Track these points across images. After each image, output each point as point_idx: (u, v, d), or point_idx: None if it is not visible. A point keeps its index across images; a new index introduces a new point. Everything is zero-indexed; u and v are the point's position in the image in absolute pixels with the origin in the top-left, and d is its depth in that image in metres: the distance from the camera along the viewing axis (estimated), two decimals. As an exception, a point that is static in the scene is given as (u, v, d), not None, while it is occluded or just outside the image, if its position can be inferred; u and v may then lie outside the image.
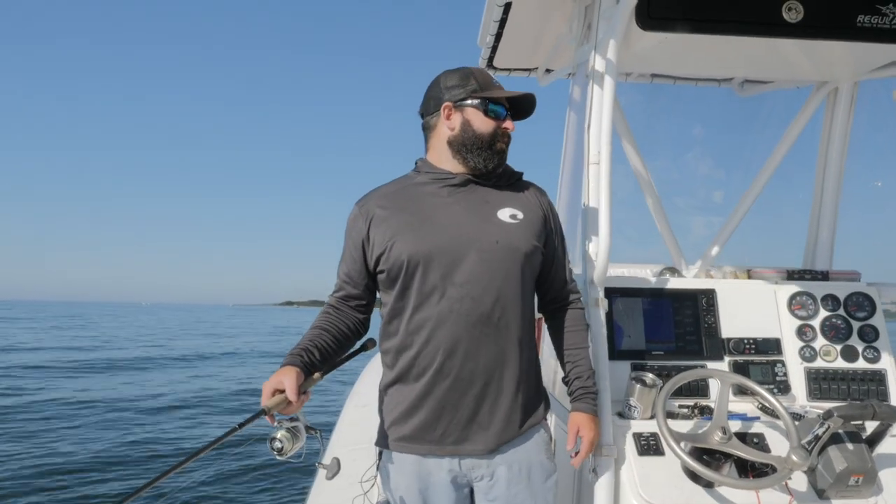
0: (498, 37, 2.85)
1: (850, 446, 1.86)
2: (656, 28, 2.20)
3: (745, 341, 2.39)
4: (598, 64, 2.20)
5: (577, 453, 1.77)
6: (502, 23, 2.68)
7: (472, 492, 1.77)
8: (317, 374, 1.66)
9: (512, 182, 1.85)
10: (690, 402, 2.22)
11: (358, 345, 1.85)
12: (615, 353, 2.28)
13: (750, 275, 2.68)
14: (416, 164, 1.87)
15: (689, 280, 2.62)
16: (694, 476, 1.88)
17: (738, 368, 2.34)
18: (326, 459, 1.63)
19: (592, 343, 1.97)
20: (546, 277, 1.85)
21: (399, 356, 1.73)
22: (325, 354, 1.71)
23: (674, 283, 2.49)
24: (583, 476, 2.03)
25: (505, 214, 1.74)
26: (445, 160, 1.79)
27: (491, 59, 3.14)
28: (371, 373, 2.34)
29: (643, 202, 3.11)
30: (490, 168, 1.77)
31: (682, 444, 1.81)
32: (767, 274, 2.63)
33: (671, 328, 2.39)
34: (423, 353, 1.68)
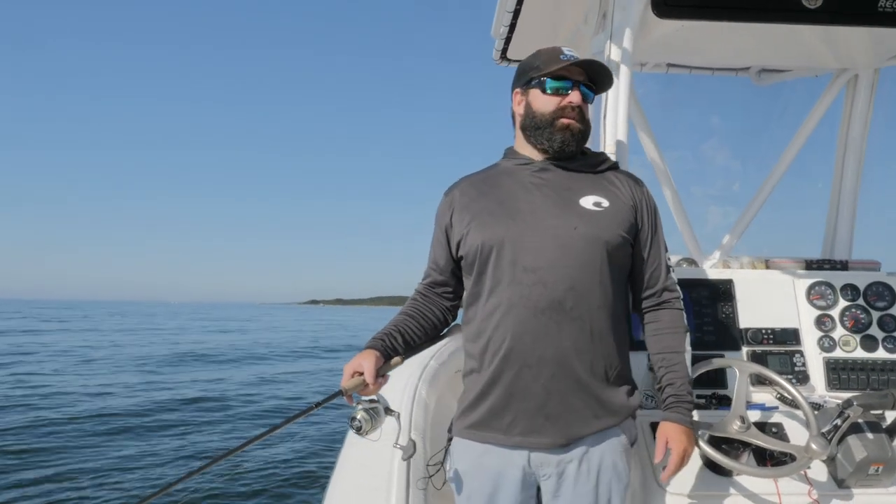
0: (512, 28, 2.83)
1: (869, 435, 1.85)
2: (673, 15, 2.18)
3: (764, 331, 2.37)
4: (614, 53, 2.20)
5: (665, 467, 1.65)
6: (516, 13, 2.67)
7: (538, 492, 1.69)
8: (396, 359, 1.67)
9: (603, 170, 1.76)
10: (708, 392, 2.21)
11: (445, 330, 1.86)
12: (634, 344, 2.27)
13: (768, 265, 2.66)
14: (504, 152, 1.85)
15: (706, 270, 2.60)
16: (713, 465, 1.88)
17: (757, 359, 2.33)
18: (403, 440, 1.63)
19: None
20: (637, 273, 1.76)
21: (475, 342, 1.69)
22: (409, 340, 1.73)
23: (691, 274, 2.48)
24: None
25: (588, 202, 1.66)
26: (524, 146, 1.77)
27: (505, 50, 3.12)
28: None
29: (660, 192, 3.10)
30: (559, 147, 1.69)
31: (701, 434, 1.80)
32: (786, 264, 2.61)
33: (689, 319, 2.37)
34: (493, 339, 1.63)
